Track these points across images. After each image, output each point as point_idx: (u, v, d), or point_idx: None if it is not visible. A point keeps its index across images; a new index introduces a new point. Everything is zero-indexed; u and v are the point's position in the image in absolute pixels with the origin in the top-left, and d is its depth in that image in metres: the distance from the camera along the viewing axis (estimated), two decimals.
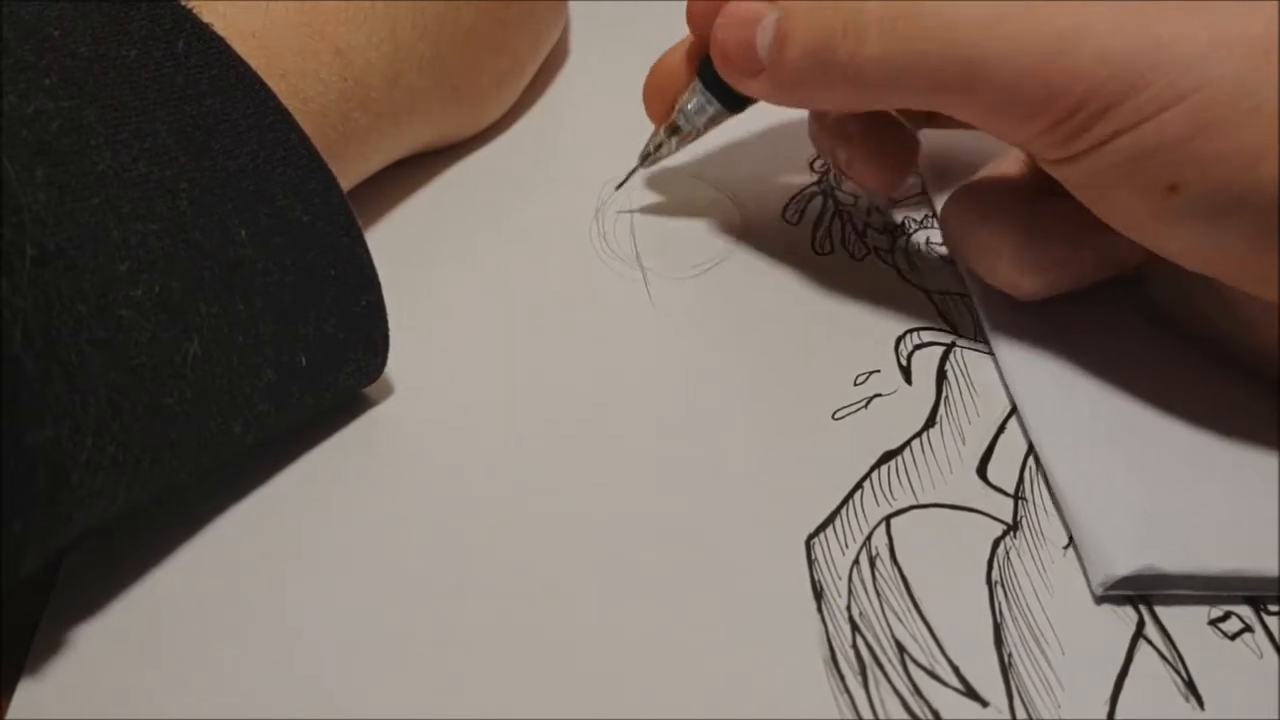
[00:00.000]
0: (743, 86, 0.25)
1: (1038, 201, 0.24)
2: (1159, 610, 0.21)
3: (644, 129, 0.29)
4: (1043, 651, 0.20)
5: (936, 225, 0.30)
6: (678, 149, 0.29)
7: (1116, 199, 0.21)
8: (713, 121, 0.28)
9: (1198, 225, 0.20)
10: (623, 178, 0.30)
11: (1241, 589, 0.21)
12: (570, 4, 0.38)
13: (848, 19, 0.22)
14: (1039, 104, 0.21)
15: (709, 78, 0.27)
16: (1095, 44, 0.20)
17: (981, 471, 0.24)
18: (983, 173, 0.27)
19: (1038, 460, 0.23)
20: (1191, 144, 0.20)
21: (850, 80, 0.23)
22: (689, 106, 0.28)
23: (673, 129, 0.29)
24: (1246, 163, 0.19)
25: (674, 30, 0.38)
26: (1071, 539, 0.22)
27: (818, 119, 0.29)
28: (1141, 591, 0.21)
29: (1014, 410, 0.24)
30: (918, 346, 0.26)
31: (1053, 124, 0.21)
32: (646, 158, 0.30)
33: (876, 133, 0.27)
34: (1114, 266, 0.25)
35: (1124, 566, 0.20)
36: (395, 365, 0.24)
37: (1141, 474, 0.22)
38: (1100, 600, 0.21)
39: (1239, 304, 0.23)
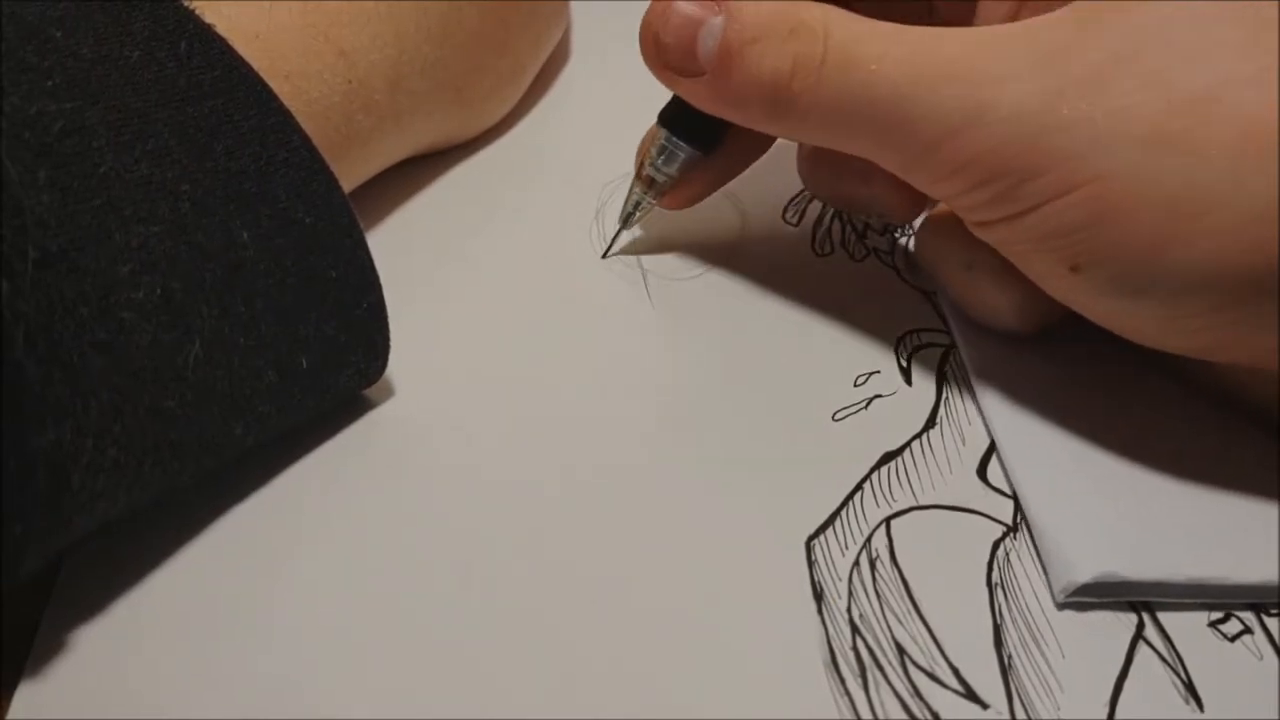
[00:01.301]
0: (674, 86, 0.24)
1: None
2: (1159, 612, 0.21)
3: (644, 130, 0.29)
4: (1042, 653, 0.20)
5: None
6: (658, 202, 0.28)
7: (1031, 267, 0.22)
8: (686, 167, 0.27)
9: (1110, 300, 0.21)
10: (608, 244, 0.29)
11: (1204, 596, 0.21)
12: (572, 5, 0.38)
13: (796, 61, 0.22)
14: (952, 170, 0.21)
15: (672, 122, 0.26)
16: (1002, 121, 0.20)
17: (981, 473, 0.24)
18: (931, 212, 0.27)
19: (1003, 467, 0.23)
20: (1091, 231, 0.20)
21: (790, 118, 0.22)
22: (657, 156, 0.27)
23: (648, 183, 0.27)
24: (1146, 252, 0.19)
25: None
26: (1035, 546, 0.22)
27: (825, 165, 0.27)
28: (1103, 599, 0.21)
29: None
30: (918, 348, 0.26)
31: (968, 188, 0.21)
32: (628, 218, 0.28)
33: None
34: None
35: (1085, 573, 0.20)
36: (396, 367, 0.24)
37: (1104, 482, 0.22)
38: (1062, 606, 0.21)
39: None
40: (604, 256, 0.29)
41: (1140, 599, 0.21)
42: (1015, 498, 0.23)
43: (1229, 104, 0.19)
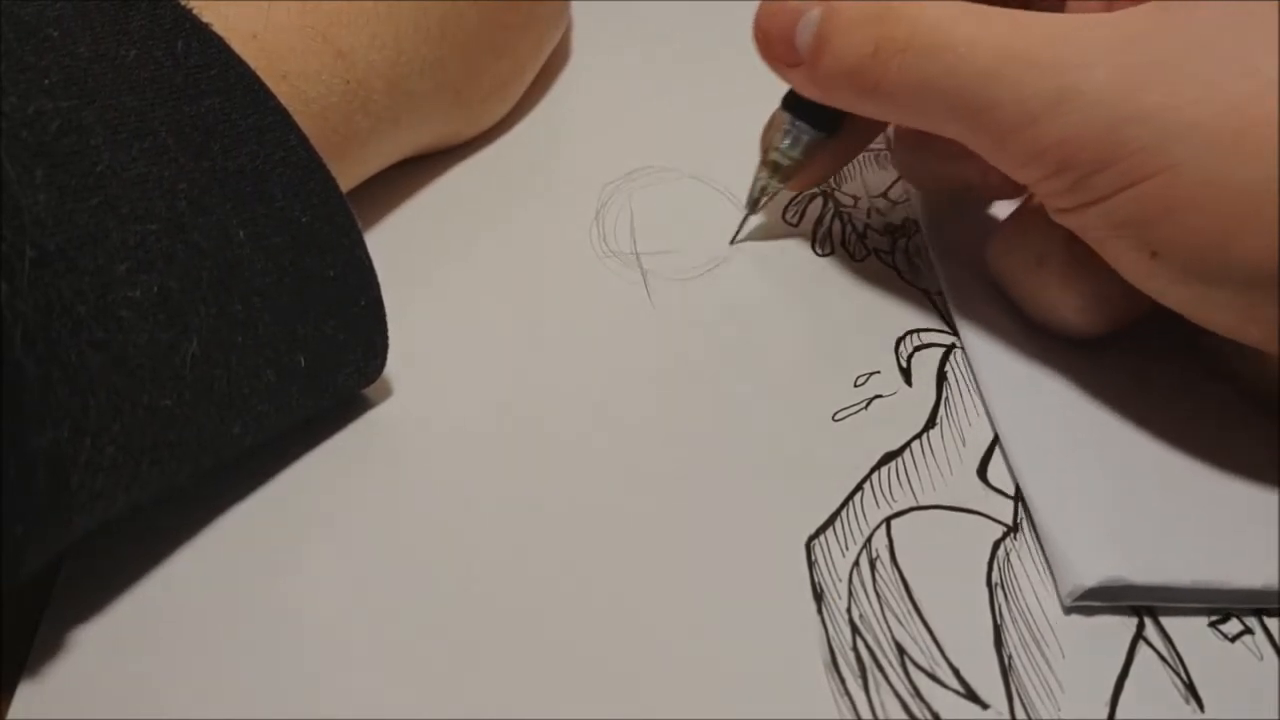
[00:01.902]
0: (781, 74, 0.26)
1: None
2: (1159, 613, 0.21)
3: (644, 130, 0.29)
4: (1043, 653, 0.20)
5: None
6: (784, 186, 0.29)
7: (1113, 253, 0.22)
8: (811, 149, 0.28)
9: (1185, 287, 0.21)
10: (736, 229, 0.29)
11: (1210, 600, 0.21)
12: (572, 5, 0.38)
13: (879, 44, 0.23)
14: (1031, 155, 0.21)
15: (795, 107, 0.27)
16: (1081, 109, 0.20)
17: (982, 473, 0.23)
18: (1020, 204, 0.27)
19: (1010, 469, 0.23)
20: (1165, 218, 0.20)
21: (878, 98, 0.23)
22: (783, 142, 0.28)
23: (773, 167, 0.28)
24: (1216, 243, 0.20)
25: (676, 32, 0.38)
26: (1043, 549, 0.22)
27: (924, 149, 0.28)
28: (1110, 603, 0.21)
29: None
30: (918, 348, 0.26)
31: (1047, 175, 0.21)
32: (756, 203, 0.29)
33: None
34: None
35: (1092, 577, 0.20)
36: (395, 366, 0.24)
37: (1111, 485, 0.22)
38: (1069, 610, 0.21)
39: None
40: (732, 243, 0.29)
41: (1146, 603, 0.21)
42: (1019, 499, 0.23)
43: None
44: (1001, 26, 0.21)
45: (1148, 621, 0.21)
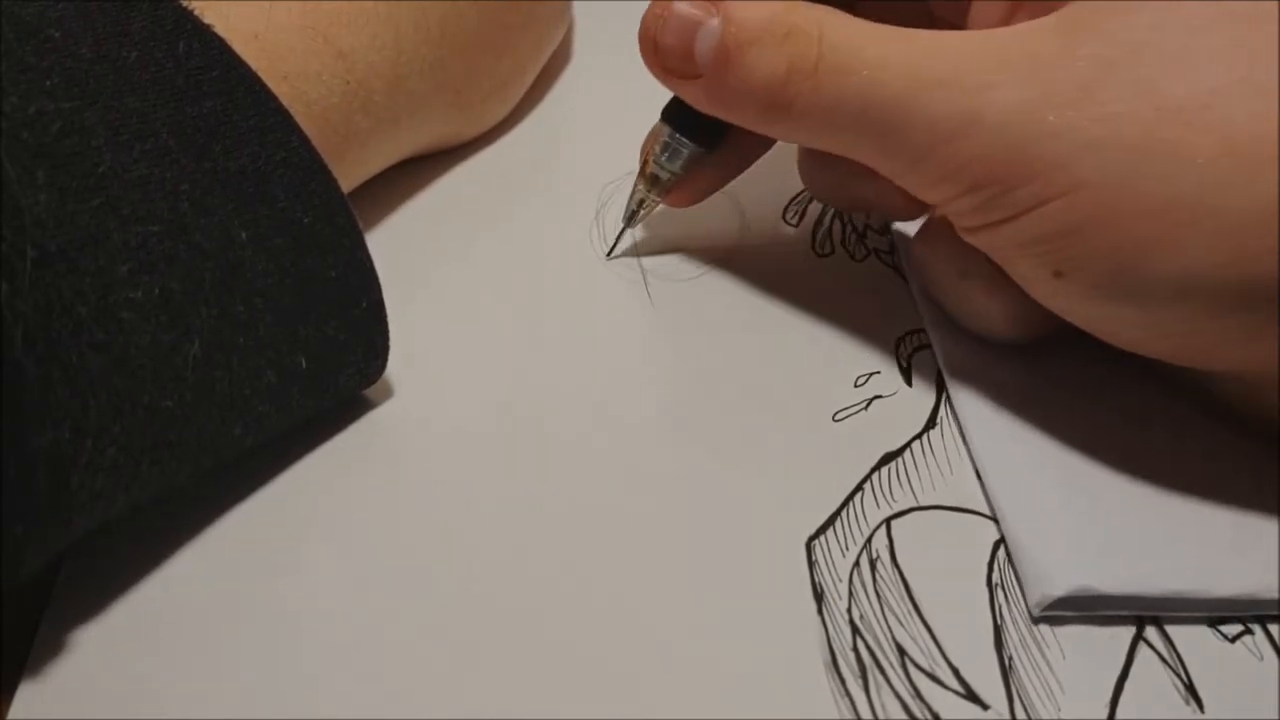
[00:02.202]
0: (672, 87, 0.25)
1: None
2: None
3: (645, 131, 0.29)
4: (1043, 654, 0.20)
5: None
6: (662, 200, 0.28)
7: (1019, 271, 0.22)
8: (691, 164, 0.27)
9: (1091, 305, 0.21)
10: (612, 244, 0.29)
11: (1181, 610, 0.21)
12: (573, 6, 0.38)
13: (791, 64, 0.22)
14: (941, 176, 0.21)
15: (675, 119, 0.26)
16: (989, 129, 0.20)
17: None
18: (928, 220, 0.26)
19: (979, 478, 0.23)
20: (1072, 237, 0.20)
21: (787, 120, 0.23)
22: (661, 153, 0.27)
23: (651, 181, 0.27)
24: (1129, 259, 0.19)
25: None
26: (1011, 560, 0.22)
27: (827, 166, 0.27)
28: (1080, 613, 0.21)
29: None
30: (918, 348, 0.26)
31: (956, 195, 0.21)
32: (633, 216, 0.28)
33: None
34: None
35: (1060, 587, 0.20)
36: (395, 367, 0.24)
37: (1081, 496, 0.22)
38: (1038, 620, 0.21)
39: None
40: (608, 256, 0.29)
41: (1117, 613, 0.21)
42: (990, 510, 0.23)
43: (1218, 112, 0.18)
44: (909, 46, 0.21)
45: (1148, 622, 0.21)
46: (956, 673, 0.20)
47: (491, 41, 0.30)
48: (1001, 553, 0.22)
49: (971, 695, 0.20)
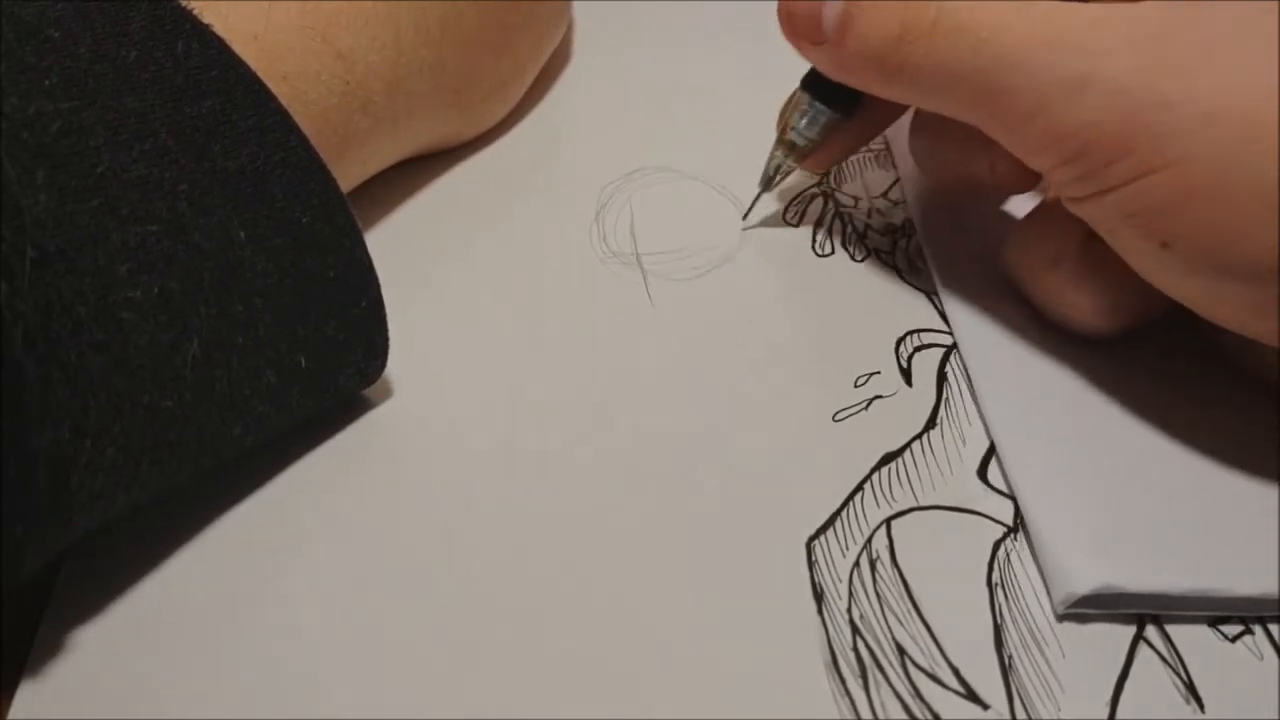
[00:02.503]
0: (803, 52, 0.26)
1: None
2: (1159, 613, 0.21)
3: (645, 131, 0.29)
4: (1043, 654, 0.20)
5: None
6: (798, 166, 0.29)
7: (1123, 243, 0.22)
8: (828, 130, 0.28)
9: (1194, 280, 0.21)
10: (747, 207, 0.30)
11: (1206, 608, 0.21)
12: (574, 5, 0.38)
13: (905, 27, 0.23)
14: (1049, 141, 0.21)
15: (814, 87, 0.27)
16: (1100, 95, 0.20)
17: (982, 473, 0.23)
18: (1036, 204, 0.27)
19: (1003, 473, 0.23)
20: (1177, 210, 0.20)
21: (901, 80, 0.23)
22: (800, 122, 0.28)
23: (789, 147, 0.28)
24: (1226, 237, 0.20)
25: (678, 33, 0.38)
26: (1036, 557, 0.22)
27: (950, 134, 0.27)
28: (1104, 610, 0.21)
29: None
30: (918, 348, 0.26)
31: (1062, 161, 0.21)
32: (769, 181, 0.29)
33: None
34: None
35: (1084, 585, 0.20)
36: (395, 367, 0.24)
37: (1106, 493, 0.22)
38: (1061, 617, 0.21)
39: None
40: (744, 223, 0.30)
41: (1141, 611, 0.21)
42: (1015, 502, 0.23)
43: None
44: (1024, 12, 0.21)
45: (1148, 622, 0.21)
46: (956, 673, 0.20)
47: (491, 41, 0.30)
48: (1001, 553, 0.22)
49: (971, 695, 0.20)
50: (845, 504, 0.23)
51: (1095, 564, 0.21)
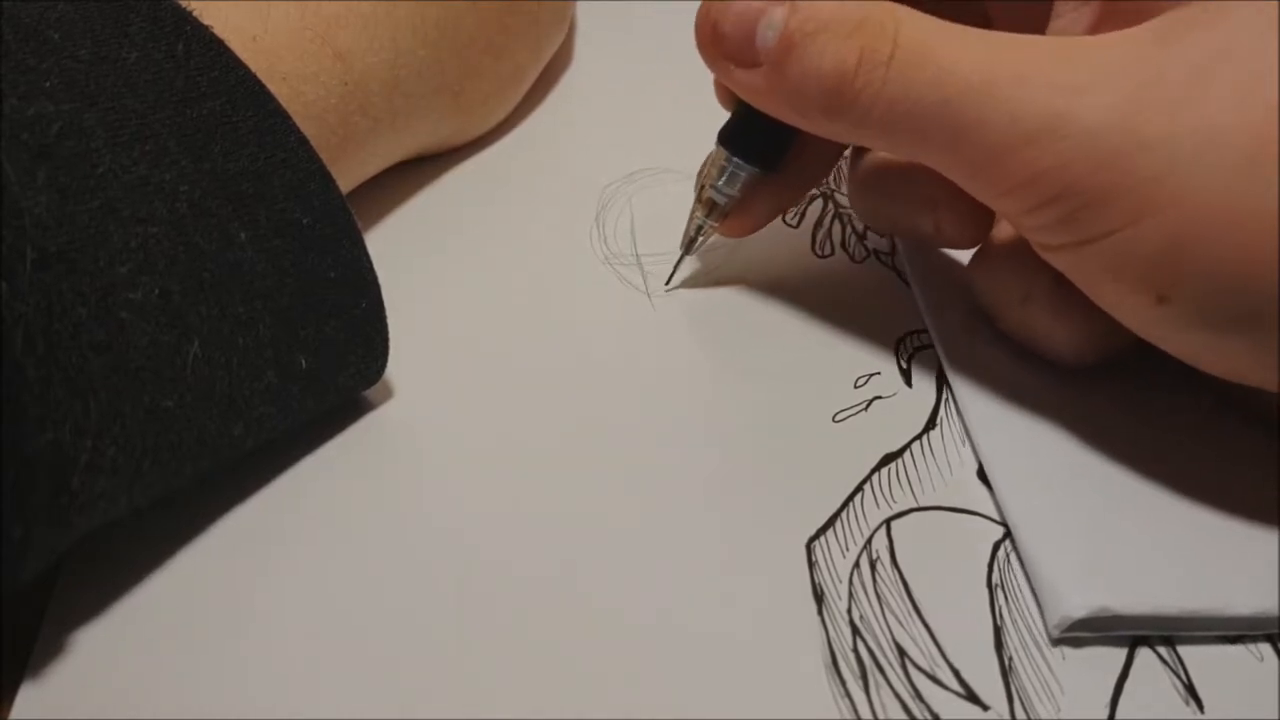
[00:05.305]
0: (727, 77, 0.23)
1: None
2: None
3: (645, 132, 0.29)
4: (1043, 655, 0.20)
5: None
6: (719, 228, 0.27)
7: (1111, 298, 0.20)
8: (749, 188, 0.26)
9: (1195, 334, 0.19)
10: (670, 273, 0.28)
11: (1201, 629, 0.20)
12: (575, 6, 0.38)
13: (863, 54, 0.20)
14: (1022, 182, 0.20)
15: (732, 141, 0.26)
16: (1079, 134, 0.19)
17: (982, 474, 0.23)
18: (989, 242, 0.25)
19: (992, 494, 0.23)
20: (1173, 258, 0.18)
21: (850, 115, 0.21)
22: (718, 177, 0.26)
23: (709, 206, 0.26)
24: (1235, 282, 0.18)
25: (678, 33, 0.38)
26: (1029, 581, 0.21)
27: (890, 191, 0.26)
28: (1099, 634, 0.20)
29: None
30: (918, 349, 0.26)
31: (1035, 207, 0.20)
32: (691, 243, 0.27)
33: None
34: None
35: (1079, 609, 0.20)
36: (395, 368, 0.24)
37: (1099, 515, 0.22)
38: (1056, 642, 0.21)
39: None
40: (666, 287, 0.28)
41: (1138, 633, 0.21)
42: (1004, 526, 0.22)
43: None
44: (991, 43, 0.20)
45: None
46: (956, 673, 0.20)
47: (491, 43, 0.30)
48: (1001, 554, 0.22)
49: (971, 696, 0.20)
50: (845, 505, 0.23)
51: (1090, 588, 0.20)
